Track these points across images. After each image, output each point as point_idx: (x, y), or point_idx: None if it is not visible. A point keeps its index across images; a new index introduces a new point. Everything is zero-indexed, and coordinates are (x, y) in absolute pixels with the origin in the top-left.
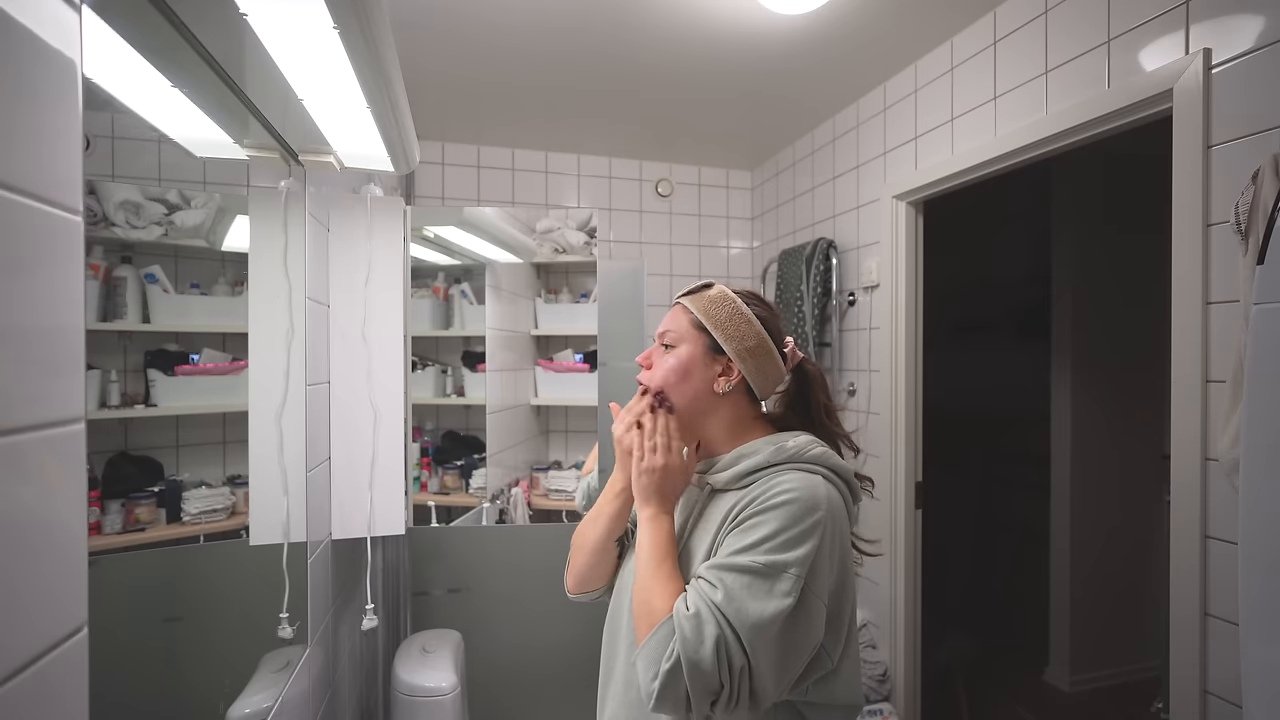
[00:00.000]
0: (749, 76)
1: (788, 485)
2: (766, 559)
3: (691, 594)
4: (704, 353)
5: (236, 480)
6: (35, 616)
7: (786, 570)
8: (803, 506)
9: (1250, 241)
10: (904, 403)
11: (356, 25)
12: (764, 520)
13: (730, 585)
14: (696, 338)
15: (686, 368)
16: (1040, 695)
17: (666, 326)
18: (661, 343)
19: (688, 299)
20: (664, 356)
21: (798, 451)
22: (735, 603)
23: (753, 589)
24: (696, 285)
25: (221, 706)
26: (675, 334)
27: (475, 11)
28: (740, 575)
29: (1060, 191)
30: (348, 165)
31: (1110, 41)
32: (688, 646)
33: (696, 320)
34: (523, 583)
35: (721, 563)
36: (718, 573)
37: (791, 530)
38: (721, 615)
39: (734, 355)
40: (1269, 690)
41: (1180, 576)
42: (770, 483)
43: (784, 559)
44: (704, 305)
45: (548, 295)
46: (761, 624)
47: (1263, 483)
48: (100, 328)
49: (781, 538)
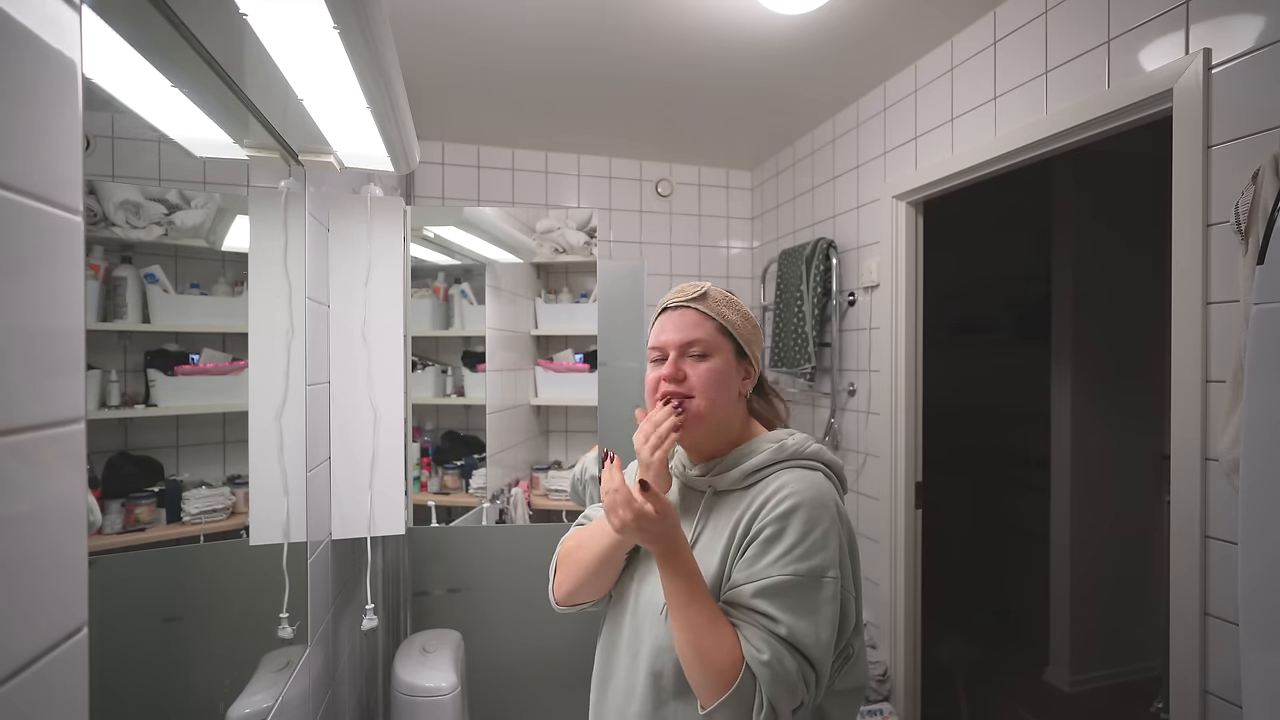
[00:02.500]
0: (749, 76)
1: (794, 488)
2: (803, 566)
3: (755, 636)
4: (733, 359)
5: (236, 480)
6: (35, 616)
7: (825, 575)
8: (816, 508)
9: (1250, 241)
10: (904, 403)
11: (356, 25)
12: (783, 529)
13: (782, 615)
14: (725, 345)
15: (726, 376)
16: (1040, 695)
17: (693, 335)
18: (688, 353)
19: (700, 304)
20: (697, 366)
21: (798, 449)
22: (797, 632)
23: (803, 605)
24: (695, 290)
25: (221, 706)
26: (707, 342)
27: (475, 12)
28: (786, 596)
29: (1060, 191)
30: (348, 165)
31: (1110, 41)
32: (779, 690)
33: (720, 326)
34: (523, 583)
35: (762, 588)
36: (764, 602)
37: (814, 533)
38: (793, 649)
39: (754, 358)
40: (1269, 691)
41: (1180, 576)
42: (775, 485)
43: (818, 564)
44: (720, 310)
45: (548, 295)
46: (827, 642)
47: (1263, 483)
48: (100, 328)
49: (808, 543)
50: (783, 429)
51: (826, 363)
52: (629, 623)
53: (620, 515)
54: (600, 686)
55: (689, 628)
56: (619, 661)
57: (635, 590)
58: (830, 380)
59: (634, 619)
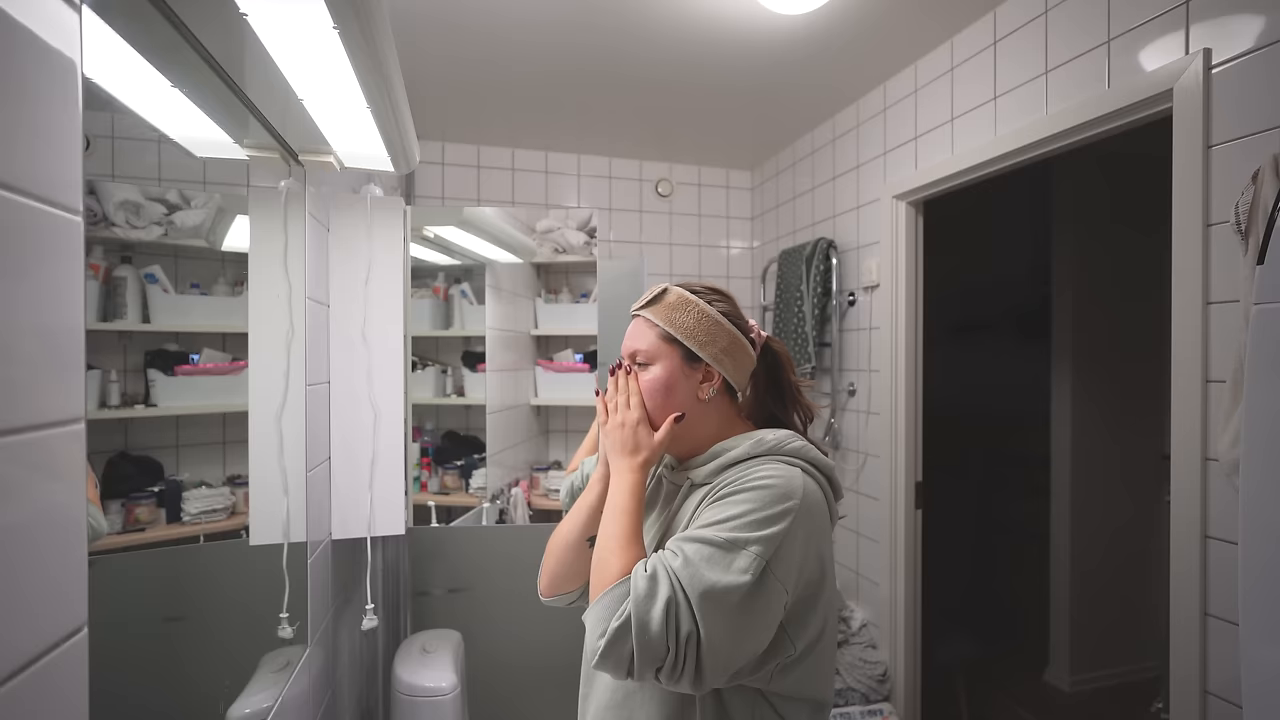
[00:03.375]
0: (749, 76)
1: (766, 472)
2: (730, 535)
3: (652, 559)
4: (681, 364)
5: (236, 480)
6: (36, 616)
7: (747, 547)
8: (776, 493)
9: (1250, 241)
10: (904, 403)
11: (356, 25)
12: (736, 500)
13: (690, 554)
14: (669, 351)
15: (668, 384)
16: (1040, 695)
17: (635, 345)
18: (634, 362)
19: (647, 311)
20: (641, 376)
21: (777, 444)
22: (691, 568)
23: (712, 560)
24: (652, 294)
25: (222, 706)
26: (647, 352)
27: (475, 11)
28: (702, 546)
29: (1060, 191)
30: (348, 165)
31: (1110, 41)
32: (639, 605)
33: (664, 333)
34: (523, 583)
35: (686, 534)
36: (680, 543)
37: (761, 512)
38: (676, 580)
39: (712, 360)
40: (1269, 691)
41: (1180, 576)
42: (749, 470)
43: (747, 536)
44: (667, 315)
45: (548, 295)
46: (714, 593)
47: (1263, 483)
48: (100, 328)
49: (750, 518)
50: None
51: (826, 363)
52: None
53: (616, 417)
54: (586, 681)
55: (604, 545)
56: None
57: None
58: (830, 380)
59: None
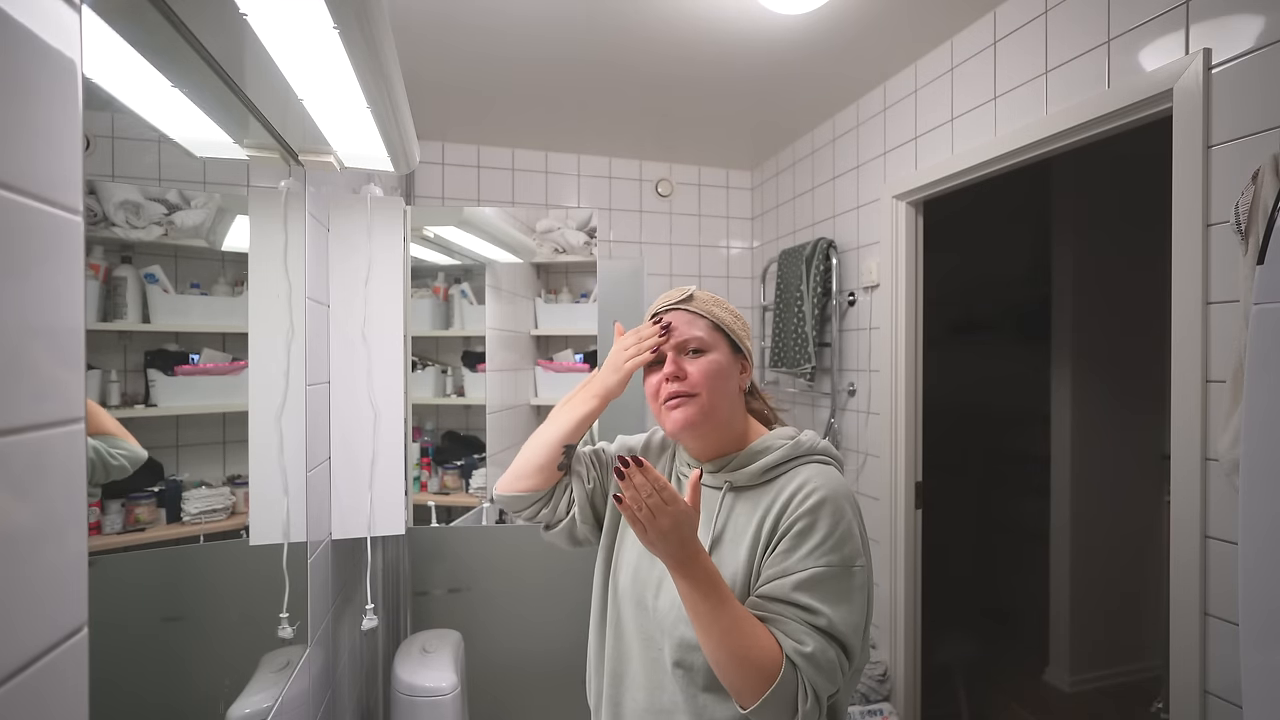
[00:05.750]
0: (749, 76)
1: (818, 482)
2: (836, 557)
3: (795, 630)
4: (729, 354)
5: (236, 480)
6: (35, 616)
7: (855, 564)
8: (840, 500)
9: (1250, 241)
10: (904, 403)
11: (356, 25)
12: (814, 522)
13: (824, 605)
14: (720, 340)
15: (725, 370)
16: (1040, 695)
17: (689, 333)
18: (688, 349)
19: (690, 304)
20: (696, 361)
21: (811, 445)
22: (836, 619)
23: (840, 594)
24: (683, 294)
25: (221, 706)
26: (704, 339)
27: (476, 11)
28: (824, 586)
29: (1060, 191)
30: (348, 165)
31: (1110, 41)
32: (821, 680)
33: (712, 324)
34: (523, 583)
35: (802, 579)
36: (807, 595)
37: (841, 525)
38: (832, 639)
39: (747, 352)
40: (1269, 691)
41: (1180, 576)
42: (798, 480)
43: (848, 554)
44: (710, 309)
45: (548, 295)
46: (860, 629)
47: (1263, 483)
48: (100, 328)
49: (837, 535)
50: (789, 427)
51: (826, 363)
52: (633, 614)
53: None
54: (614, 681)
55: (722, 632)
56: (631, 654)
57: (636, 582)
58: (830, 380)
59: (641, 612)
